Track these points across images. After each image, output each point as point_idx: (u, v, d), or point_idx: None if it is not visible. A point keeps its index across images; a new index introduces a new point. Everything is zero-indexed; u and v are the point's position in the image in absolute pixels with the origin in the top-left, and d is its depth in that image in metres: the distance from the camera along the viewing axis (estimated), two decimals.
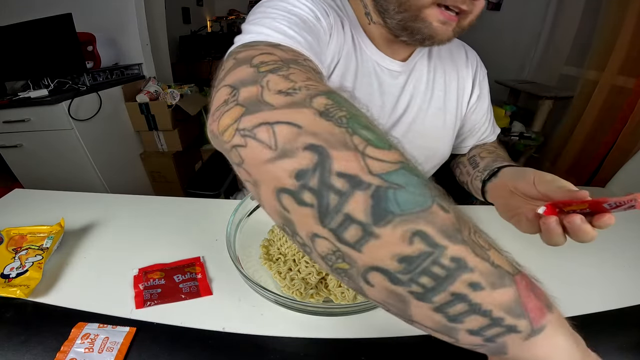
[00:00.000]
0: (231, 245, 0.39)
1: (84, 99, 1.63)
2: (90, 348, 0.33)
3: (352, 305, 0.35)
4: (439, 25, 0.42)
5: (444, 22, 0.42)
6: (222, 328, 0.37)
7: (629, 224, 0.59)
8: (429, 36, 0.44)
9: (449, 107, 0.61)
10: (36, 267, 0.43)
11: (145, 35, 2.09)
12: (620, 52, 1.67)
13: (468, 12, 0.42)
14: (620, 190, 1.32)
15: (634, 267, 0.48)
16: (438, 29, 0.43)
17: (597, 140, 1.83)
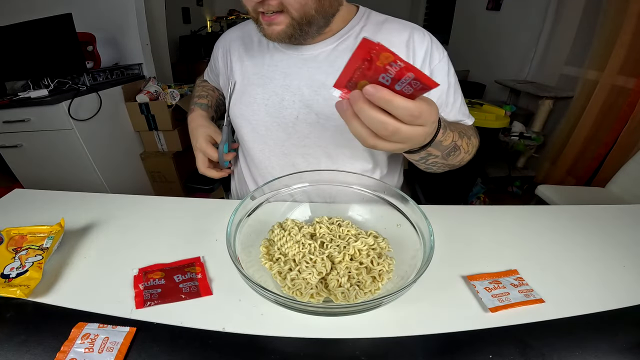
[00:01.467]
0: (231, 245, 0.39)
1: (84, 99, 1.63)
2: (90, 348, 0.33)
3: (352, 305, 0.35)
4: (267, 28, 0.51)
5: (269, 24, 0.51)
6: (222, 328, 0.37)
7: (629, 224, 0.59)
8: (268, 38, 0.54)
9: None
10: (36, 267, 0.43)
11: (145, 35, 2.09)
12: (620, 52, 1.67)
13: (285, 5, 0.48)
14: (621, 190, 1.32)
15: (634, 267, 0.48)
16: (267, 31, 0.52)
17: (597, 140, 1.83)
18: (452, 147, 0.50)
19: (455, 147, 0.51)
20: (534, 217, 0.61)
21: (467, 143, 0.55)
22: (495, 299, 0.41)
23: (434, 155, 0.48)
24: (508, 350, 0.35)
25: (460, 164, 0.58)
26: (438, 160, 0.51)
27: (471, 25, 2.87)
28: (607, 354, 0.35)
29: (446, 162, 0.53)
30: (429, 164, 0.52)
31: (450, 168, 0.58)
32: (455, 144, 0.50)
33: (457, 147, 0.52)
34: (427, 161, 0.51)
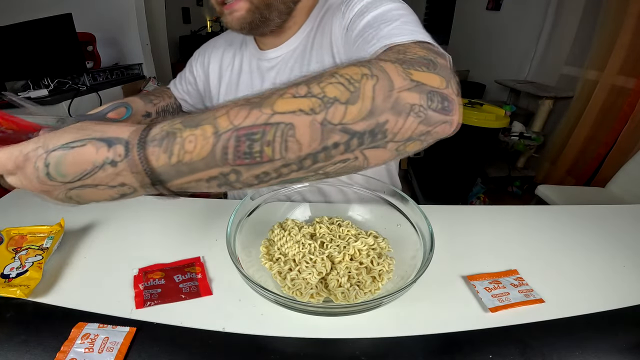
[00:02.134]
0: (231, 245, 0.39)
1: (84, 99, 1.63)
2: (90, 348, 0.33)
3: (352, 305, 0.35)
4: (228, 16, 0.51)
5: (230, 12, 0.51)
6: (222, 328, 0.37)
7: (629, 224, 0.59)
8: (230, 26, 0.53)
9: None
10: (36, 267, 0.43)
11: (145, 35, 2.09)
12: (620, 52, 1.67)
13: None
14: (621, 190, 1.32)
15: (634, 267, 0.48)
16: (228, 19, 0.52)
17: (597, 140, 1.83)
18: (231, 144, 0.24)
19: (243, 135, 0.24)
20: (534, 217, 0.61)
21: (302, 94, 0.25)
22: (495, 299, 0.41)
23: (215, 175, 0.26)
24: (508, 350, 0.35)
25: (331, 142, 0.25)
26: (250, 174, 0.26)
27: (471, 25, 2.87)
28: (607, 354, 0.35)
29: (278, 163, 0.25)
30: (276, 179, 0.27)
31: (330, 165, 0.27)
32: (237, 131, 0.24)
33: (256, 130, 0.24)
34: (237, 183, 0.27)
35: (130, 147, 0.26)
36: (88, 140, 0.26)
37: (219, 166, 0.25)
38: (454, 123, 0.29)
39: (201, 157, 0.25)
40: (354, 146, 0.25)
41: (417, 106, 0.26)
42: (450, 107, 0.28)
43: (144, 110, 0.60)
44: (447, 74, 0.30)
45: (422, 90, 0.27)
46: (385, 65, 0.27)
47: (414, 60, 0.30)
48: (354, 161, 0.27)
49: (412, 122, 0.26)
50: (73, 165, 0.26)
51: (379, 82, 0.26)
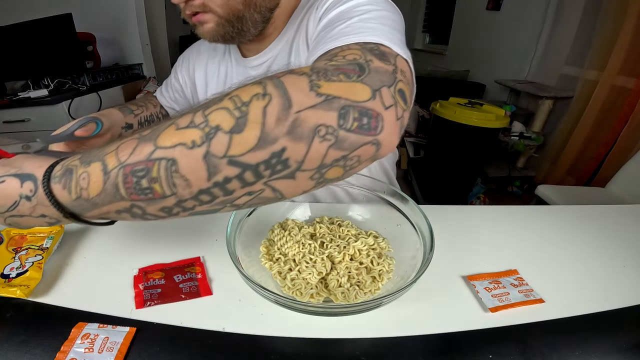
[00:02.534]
0: (231, 245, 0.39)
1: (84, 99, 1.63)
2: (90, 348, 0.33)
3: (352, 305, 0.35)
4: (200, 28, 0.49)
5: (200, 24, 0.48)
6: (222, 328, 0.37)
7: (629, 224, 0.59)
8: (203, 38, 0.51)
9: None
10: (36, 267, 0.43)
11: (145, 35, 2.09)
12: (620, 52, 1.67)
13: (207, 3, 0.45)
14: (621, 190, 1.32)
15: (634, 267, 0.48)
16: (200, 31, 0.49)
17: (597, 140, 1.83)
18: (122, 180, 0.23)
19: (131, 172, 0.23)
20: (534, 217, 0.61)
21: (185, 126, 0.23)
22: (495, 299, 0.41)
23: (120, 209, 0.25)
24: (508, 350, 0.35)
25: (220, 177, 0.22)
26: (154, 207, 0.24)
27: (471, 25, 2.87)
28: (607, 354, 0.35)
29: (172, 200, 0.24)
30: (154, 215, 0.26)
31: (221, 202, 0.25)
32: (125, 168, 0.23)
33: (142, 166, 0.23)
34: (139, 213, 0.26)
35: (37, 183, 0.27)
36: (7, 177, 0.28)
37: (118, 201, 0.24)
38: (383, 143, 0.23)
39: (96, 193, 0.24)
40: (252, 180, 0.22)
41: (324, 127, 0.21)
42: (373, 124, 0.23)
43: (123, 122, 0.57)
44: (378, 80, 0.24)
45: (331, 107, 0.22)
46: (286, 79, 0.23)
47: (336, 66, 0.25)
48: (262, 193, 0.24)
49: (319, 147, 0.22)
50: (1, 198, 0.28)
51: (271, 103, 0.21)
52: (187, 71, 0.69)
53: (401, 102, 0.25)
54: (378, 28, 0.33)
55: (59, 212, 0.27)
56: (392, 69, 0.27)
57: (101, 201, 0.25)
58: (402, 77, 0.27)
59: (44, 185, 0.26)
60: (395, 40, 0.32)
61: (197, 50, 0.69)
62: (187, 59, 0.70)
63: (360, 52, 0.28)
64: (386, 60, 0.28)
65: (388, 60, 0.28)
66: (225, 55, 0.64)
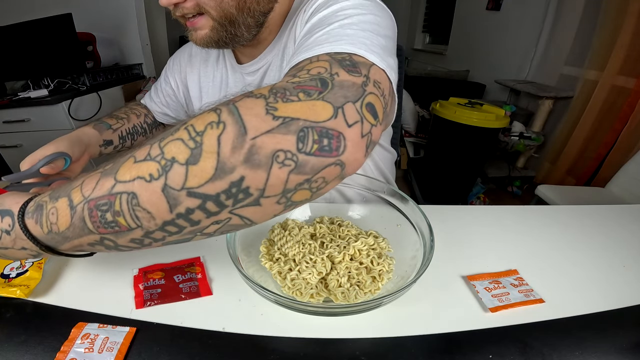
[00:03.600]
0: (231, 245, 0.39)
1: (84, 99, 1.63)
2: (90, 348, 0.33)
3: (352, 305, 0.35)
4: (192, 33, 0.47)
5: (194, 30, 0.47)
6: (222, 328, 0.37)
7: (629, 224, 0.59)
8: (196, 44, 0.49)
9: None
10: (36, 267, 0.43)
11: (145, 35, 2.09)
12: (620, 52, 1.67)
13: (201, 5, 0.44)
14: (621, 190, 1.32)
15: (634, 267, 0.48)
16: (192, 37, 0.48)
17: (597, 140, 1.83)
18: (89, 214, 0.24)
19: (96, 206, 0.23)
20: (534, 217, 0.61)
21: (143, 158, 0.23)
22: (495, 299, 0.41)
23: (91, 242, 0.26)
24: (508, 350, 0.35)
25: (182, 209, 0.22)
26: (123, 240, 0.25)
27: (471, 25, 2.87)
28: (607, 354, 0.35)
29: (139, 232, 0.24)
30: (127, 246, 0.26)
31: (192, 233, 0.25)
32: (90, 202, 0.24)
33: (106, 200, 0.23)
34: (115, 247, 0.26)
35: (14, 219, 0.28)
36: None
37: (87, 234, 0.25)
38: (347, 163, 0.23)
39: (65, 227, 0.25)
40: (215, 210, 0.22)
41: (282, 152, 0.21)
42: (335, 145, 0.22)
43: (100, 140, 0.55)
44: (341, 96, 0.23)
45: (288, 130, 0.21)
46: (242, 104, 0.22)
47: (297, 84, 0.23)
48: (230, 221, 0.24)
49: (280, 173, 0.21)
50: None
51: (226, 131, 0.21)
52: (178, 74, 0.66)
53: (369, 116, 0.24)
54: (356, 35, 0.31)
55: (36, 246, 0.28)
56: (361, 82, 0.25)
57: (71, 235, 0.26)
58: (375, 89, 0.26)
59: (19, 221, 0.28)
60: (374, 48, 0.30)
61: (189, 53, 0.66)
62: (177, 62, 0.67)
63: (328, 65, 0.26)
64: (356, 71, 0.26)
65: (358, 71, 0.26)
66: (219, 60, 0.62)
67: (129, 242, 0.25)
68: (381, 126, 0.26)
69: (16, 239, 0.29)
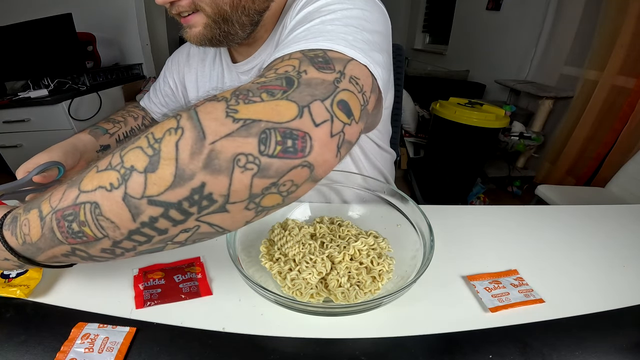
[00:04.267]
0: (231, 245, 0.39)
1: (84, 99, 1.63)
2: (90, 348, 0.33)
3: (352, 305, 0.35)
4: (188, 31, 0.47)
5: (188, 27, 0.47)
6: (222, 328, 0.37)
7: (629, 224, 0.59)
8: (190, 42, 0.49)
9: None
10: (36, 267, 0.43)
11: (145, 35, 2.09)
12: (620, 52, 1.67)
13: (197, 2, 0.44)
14: (621, 190, 1.32)
15: (634, 267, 0.48)
16: (187, 35, 0.48)
17: (597, 140, 1.83)
18: (57, 225, 0.24)
19: (63, 216, 0.23)
20: (534, 217, 0.61)
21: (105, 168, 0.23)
22: (495, 299, 0.41)
23: (64, 253, 0.26)
24: (508, 350, 0.35)
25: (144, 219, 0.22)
26: (92, 250, 0.25)
27: (471, 25, 2.87)
28: (607, 354, 0.35)
29: (106, 242, 0.23)
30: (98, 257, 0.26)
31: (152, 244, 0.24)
32: (57, 213, 0.24)
33: (71, 210, 0.23)
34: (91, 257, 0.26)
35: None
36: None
37: (58, 245, 0.25)
38: (315, 164, 0.22)
39: (37, 238, 0.26)
40: (180, 218, 0.21)
41: (243, 156, 0.20)
42: (300, 145, 0.21)
43: (97, 146, 0.55)
44: (307, 94, 0.22)
45: (249, 133, 0.20)
46: (202, 108, 0.21)
47: (262, 84, 0.23)
48: (200, 229, 0.22)
49: (242, 178, 0.20)
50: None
51: (184, 136, 0.20)
52: (177, 74, 0.67)
53: (341, 115, 0.23)
54: (337, 30, 0.30)
55: (15, 257, 0.28)
56: (333, 78, 0.24)
57: (44, 245, 0.26)
58: (351, 85, 0.24)
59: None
60: (356, 43, 0.28)
61: (187, 53, 0.66)
62: (176, 63, 0.68)
63: (297, 63, 0.25)
64: (328, 68, 0.25)
65: (331, 67, 0.25)
66: (216, 60, 0.62)
67: (100, 252, 0.25)
68: (358, 125, 0.25)
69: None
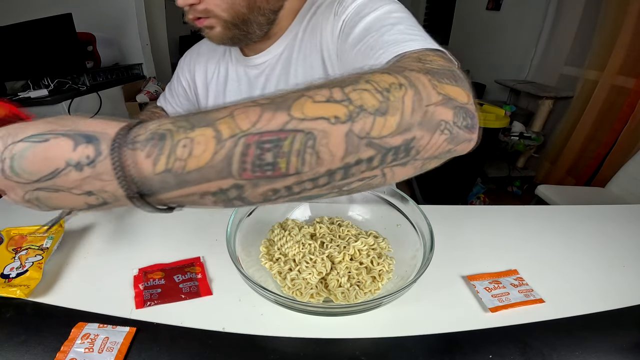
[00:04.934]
0: (231, 245, 0.39)
1: (84, 99, 1.63)
2: (90, 348, 0.33)
3: (352, 305, 0.35)
4: (208, 32, 0.50)
5: (207, 28, 0.49)
6: (222, 328, 0.37)
7: (629, 224, 0.59)
8: (212, 41, 0.52)
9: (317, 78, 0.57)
10: (36, 267, 0.43)
11: (145, 35, 2.09)
12: (620, 52, 1.67)
13: (212, 8, 0.46)
14: (621, 190, 1.32)
15: (634, 267, 0.48)
16: (207, 34, 0.51)
17: (597, 140, 1.83)
18: (243, 151, 0.20)
19: (258, 142, 0.20)
20: (534, 217, 0.61)
21: (332, 99, 0.21)
22: (495, 299, 0.41)
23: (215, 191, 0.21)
24: (508, 350, 0.35)
25: (365, 155, 0.21)
26: (258, 190, 0.21)
27: (471, 25, 2.87)
28: (607, 354, 0.35)
29: (293, 179, 0.21)
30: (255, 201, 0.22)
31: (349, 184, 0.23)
32: (249, 137, 0.20)
33: (274, 137, 0.20)
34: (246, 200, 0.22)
35: (101, 148, 0.20)
36: (53, 136, 0.21)
37: (219, 179, 0.20)
38: (473, 141, 0.27)
39: (197, 166, 0.20)
40: (376, 164, 0.22)
41: (446, 123, 0.23)
42: (474, 124, 0.26)
43: None
44: (468, 86, 0.27)
45: (451, 106, 0.24)
46: (417, 75, 0.24)
47: (438, 71, 0.26)
48: (375, 179, 0.23)
49: (440, 139, 0.23)
50: (33, 162, 0.21)
51: (407, 94, 0.22)
52: (188, 73, 0.69)
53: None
54: (426, 36, 0.37)
55: (123, 190, 0.21)
56: (465, 76, 0.29)
57: (197, 178, 0.20)
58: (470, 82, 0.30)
59: (114, 152, 0.20)
60: (442, 47, 0.35)
61: (197, 52, 0.69)
62: (187, 62, 0.70)
63: (443, 60, 0.30)
64: (456, 66, 0.30)
65: (456, 66, 0.31)
66: (225, 55, 0.64)
67: (262, 193, 0.21)
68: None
69: (88, 178, 0.21)
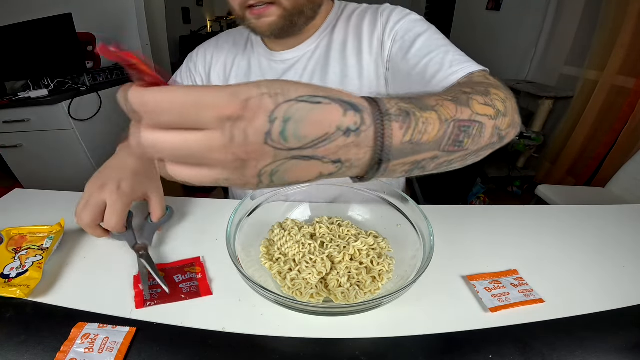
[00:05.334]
0: (231, 245, 0.39)
1: (84, 99, 1.63)
2: (90, 348, 0.33)
3: (352, 305, 0.35)
4: (256, 22, 0.51)
5: (258, 17, 0.50)
6: (222, 328, 0.37)
7: (629, 224, 0.59)
8: (259, 31, 0.53)
9: (351, 79, 0.59)
10: (36, 267, 0.43)
11: (145, 35, 2.09)
12: (620, 52, 1.67)
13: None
14: (621, 190, 1.32)
15: (634, 267, 0.48)
16: (257, 24, 0.51)
17: (597, 140, 1.83)
18: (452, 132, 0.27)
19: (460, 126, 0.28)
20: (534, 217, 0.61)
21: (486, 103, 0.31)
22: (495, 299, 0.41)
23: (421, 160, 0.27)
24: (508, 350, 0.35)
25: (493, 141, 0.32)
26: (441, 160, 0.29)
27: (471, 25, 2.87)
28: (607, 354, 0.35)
29: (462, 153, 0.29)
30: (431, 168, 0.30)
31: (479, 156, 0.33)
32: (456, 122, 0.27)
33: (468, 124, 0.28)
34: (425, 168, 0.29)
35: (364, 116, 0.22)
36: (324, 99, 0.21)
37: (432, 150, 0.27)
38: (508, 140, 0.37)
39: (430, 139, 0.25)
40: (497, 145, 0.34)
41: (516, 123, 0.36)
42: (513, 134, 0.37)
43: None
44: (513, 106, 0.37)
45: (506, 116, 0.33)
46: (506, 91, 0.37)
47: (489, 92, 0.35)
48: (485, 154, 0.34)
49: (513, 132, 0.35)
50: (313, 125, 0.20)
51: (514, 104, 0.35)
52: (203, 66, 0.69)
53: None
54: (466, 58, 0.48)
55: (370, 157, 0.23)
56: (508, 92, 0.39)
57: (424, 148, 0.26)
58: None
59: (378, 121, 0.22)
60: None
61: (215, 45, 0.69)
62: (203, 51, 0.70)
63: (494, 79, 0.42)
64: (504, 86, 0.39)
65: (503, 86, 0.39)
66: (246, 49, 0.65)
67: (439, 164, 0.29)
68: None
69: (348, 145, 0.21)
